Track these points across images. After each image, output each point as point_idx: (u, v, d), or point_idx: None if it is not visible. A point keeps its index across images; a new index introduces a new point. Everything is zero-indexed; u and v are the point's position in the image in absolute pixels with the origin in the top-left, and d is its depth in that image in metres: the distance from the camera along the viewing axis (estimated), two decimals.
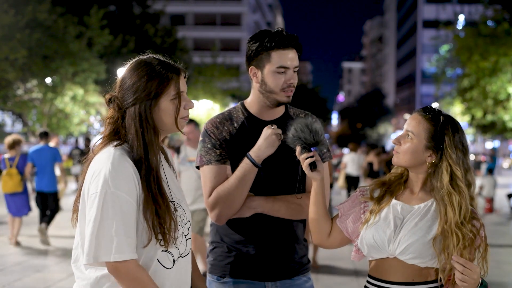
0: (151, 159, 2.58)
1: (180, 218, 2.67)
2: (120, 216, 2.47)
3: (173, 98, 2.65)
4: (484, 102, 27.95)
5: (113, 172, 2.49)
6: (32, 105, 24.53)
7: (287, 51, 3.25)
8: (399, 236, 2.84)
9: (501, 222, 17.35)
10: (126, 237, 2.48)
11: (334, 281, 9.19)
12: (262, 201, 3.25)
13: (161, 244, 2.55)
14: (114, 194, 2.48)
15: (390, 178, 3.05)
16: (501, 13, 28.18)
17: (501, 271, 10.16)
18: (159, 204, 2.54)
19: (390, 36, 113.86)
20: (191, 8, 79.81)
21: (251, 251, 3.31)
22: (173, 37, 38.04)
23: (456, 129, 2.88)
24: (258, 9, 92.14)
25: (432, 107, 2.95)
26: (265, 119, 3.36)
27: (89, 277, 2.58)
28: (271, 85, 3.27)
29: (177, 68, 2.70)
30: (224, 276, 3.34)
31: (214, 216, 3.24)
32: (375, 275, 2.95)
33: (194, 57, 46.89)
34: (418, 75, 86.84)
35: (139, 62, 2.68)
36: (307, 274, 3.46)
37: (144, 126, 2.60)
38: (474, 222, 2.84)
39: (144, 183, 2.55)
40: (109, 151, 2.56)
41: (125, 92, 2.63)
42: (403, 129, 2.99)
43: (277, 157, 3.27)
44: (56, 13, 23.77)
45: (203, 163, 3.29)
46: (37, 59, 22.48)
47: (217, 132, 3.31)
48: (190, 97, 41.18)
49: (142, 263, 2.57)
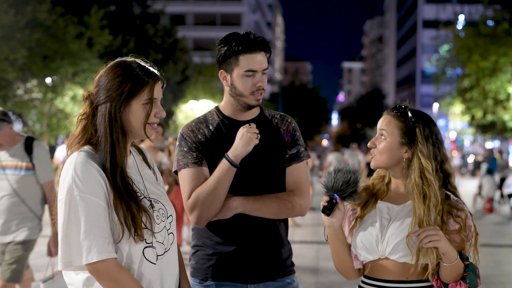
0: (117, 156, 2.61)
1: (159, 213, 2.70)
2: (87, 218, 2.50)
3: (145, 103, 2.66)
4: (484, 102, 27.98)
5: (76, 176, 2.53)
6: (32, 105, 24.53)
7: (255, 54, 3.25)
8: (387, 236, 2.85)
9: (501, 222, 17.36)
10: (98, 237, 2.49)
11: (333, 282, 9.18)
12: (242, 201, 3.24)
13: (135, 239, 2.56)
14: (80, 198, 2.51)
15: (373, 183, 3.07)
16: (501, 13, 28.21)
17: (501, 271, 10.16)
18: (126, 200, 2.56)
19: (390, 36, 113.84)
20: (191, 8, 79.84)
21: (233, 253, 3.29)
22: (173, 37, 38.03)
23: (426, 122, 2.91)
24: (258, 9, 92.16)
25: (400, 105, 2.98)
26: (240, 120, 3.36)
27: (77, 281, 2.60)
28: (240, 88, 3.28)
29: (155, 75, 2.71)
30: (206, 279, 3.32)
31: (194, 218, 3.23)
32: (369, 275, 2.97)
33: (194, 57, 46.93)
34: (418, 75, 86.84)
35: (119, 62, 2.70)
36: (291, 276, 3.43)
37: (113, 124, 2.62)
38: (458, 213, 2.84)
39: (110, 181, 2.57)
40: (73, 156, 2.60)
41: (99, 90, 2.66)
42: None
43: (256, 157, 3.27)
44: (56, 13, 23.75)
45: (180, 166, 3.29)
46: (37, 59, 22.47)
47: (193, 135, 3.31)
48: (190, 97, 41.23)
49: (127, 260, 2.59)
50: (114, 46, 27.49)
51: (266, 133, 3.31)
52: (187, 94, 40.84)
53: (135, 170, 2.75)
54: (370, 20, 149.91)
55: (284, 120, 3.45)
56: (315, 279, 9.39)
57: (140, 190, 2.69)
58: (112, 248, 2.53)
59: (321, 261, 10.58)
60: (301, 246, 12.07)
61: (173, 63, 36.28)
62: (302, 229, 14.35)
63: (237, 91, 3.29)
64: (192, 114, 39.10)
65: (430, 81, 56.49)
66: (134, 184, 2.68)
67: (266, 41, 3.32)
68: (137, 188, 2.68)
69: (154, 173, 2.91)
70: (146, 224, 2.59)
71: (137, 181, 2.71)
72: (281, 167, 3.35)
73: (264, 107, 3.49)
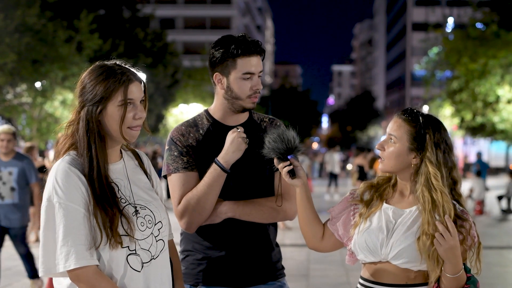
0: (94, 161, 2.58)
1: (145, 220, 2.66)
2: (66, 225, 2.48)
3: (120, 105, 2.61)
4: (473, 104, 28.04)
5: (56, 183, 2.52)
6: (22, 109, 24.42)
7: (252, 57, 3.25)
8: (391, 240, 2.83)
9: (491, 224, 17.41)
10: (77, 244, 2.47)
11: (325, 284, 9.19)
12: (232, 205, 3.23)
13: (111, 245, 2.53)
14: (59, 204, 2.50)
15: (379, 182, 3.05)
16: (489, 15, 28.32)
17: (491, 273, 10.19)
18: (103, 206, 2.53)
19: (380, 39, 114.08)
20: (180, 12, 79.76)
21: (223, 257, 3.27)
22: (163, 41, 38.02)
23: (437, 128, 2.88)
24: (248, 13, 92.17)
25: (412, 109, 2.95)
26: (229, 125, 3.34)
27: (64, 285, 2.60)
28: (237, 91, 3.27)
29: (132, 75, 2.67)
30: (197, 284, 3.31)
31: (184, 224, 3.21)
32: (368, 278, 2.95)
33: (184, 61, 46.87)
34: (408, 77, 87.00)
35: (96, 65, 2.69)
36: (282, 279, 3.42)
37: (89, 129, 2.60)
38: (463, 223, 2.83)
39: (90, 186, 2.55)
40: (56, 164, 2.60)
41: (79, 95, 2.65)
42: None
43: (245, 162, 3.26)
44: (45, 17, 23.65)
45: (170, 171, 3.26)
46: (26, 64, 22.37)
47: (183, 140, 3.29)
48: (180, 101, 41.17)
49: (109, 267, 2.56)
50: (103, 50, 27.40)
51: (255, 137, 3.29)
52: (177, 98, 40.79)
53: (123, 175, 2.72)
54: (360, 23, 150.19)
55: (273, 123, 3.44)
56: (306, 282, 9.39)
57: (126, 196, 2.66)
58: (93, 256, 2.51)
59: (312, 264, 10.59)
60: (292, 249, 12.08)
61: (163, 67, 36.23)
62: (293, 232, 14.34)
63: (234, 94, 3.27)
64: (182, 118, 39.01)
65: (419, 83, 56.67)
66: (119, 190, 2.65)
67: (261, 44, 3.32)
68: (122, 194, 2.65)
69: (150, 178, 2.87)
70: (126, 231, 2.56)
71: (123, 187, 2.68)
72: (270, 171, 3.34)
73: (253, 111, 3.48)
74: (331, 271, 10.17)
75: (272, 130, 3.10)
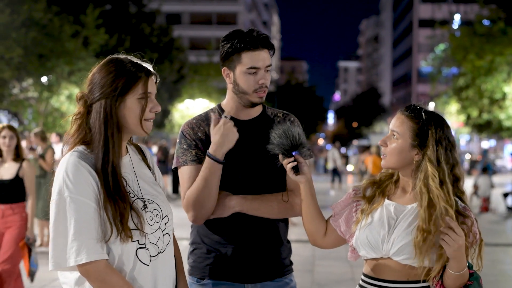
0: (110, 154, 2.59)
1: (153, 214, 2.68)
2: (77, 219, 2.49)
3: (140, 98, 2.65)
4: (479, 101, 27.97)
5: (67, 177, 2.52)
6: (28, 104, 24.48)
7: (258, 51, 3.24)
8: (393, 236, 2.83)
9: (496, 221, 17.39)
10: (88, 239, 2.48)
11: (330, 280, 9.20)
12: (240, 200, 3.23)
13: (122, 239, 2.54)
14: (70, 199, 2.50)
15: (381, 178, 3.05)
16: (496, 12, 28.21)
17: (496, 270, 10.18)
18: (115, 200, 2.55)
19: (386, 36, 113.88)
20: (187, 7, 79.74)
21: (231, 252, 3.27)
22: (169, 36, 38.00)
23: (439, 125, 2.88)
24: (254, 8, 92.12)
25: (415, 105, 2.95)
26: (242, 119, 3.35)
27: (71, 280, 2.60)
28: (243, 86, 3.27)
29: (148, 69, 2.71)
30: (203, 278, 3.31)
31: (190, 217, 3.23)
32: (370, 274, 2.96)
33: (190, 56, 46.87)
34: (414, 74, 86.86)
35: (111, 59, 2.69)
36: (289, 275, 3.42)
37: (108, 121, 2.61)
38: (465, 220, 2.83)
39: (101, 181, 2.56)
40: (65, 157, 2.60)
41: (93, 87, 2.65)
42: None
43: (254, 156, 3.27)
44: (51, 12, 23.69)
45: (179, 164, 3.29)
46: (32, 58, 22.42)
47: (193, 133, 3.31)
48: (186, 96, 41.18)
49: (119, 261, 2.58)
50: (110, 45, 27.44)
51: (268, 132, 3.27)
52: (183, 93, 40.79)
53: (130, 170, 2.73)
54: (366, 19, 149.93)
55: (287, 118, 3.43)
56: (311, 278, 9.40)
57: (134, 190, 2.68)
58: (103, 250, 2.52)
59: (317, 260, 10.59)
60: (297, 245, 12.05)
61: (169, 62, 36.24)
62: (298, 228, 14.32)
63: (240, 89, 3.28)
64: (188, 113, 39.03)
65: (426, 80, 56.54)
66: (128, 184, 2.66)
67: (269, 39, 3.30)
68: (130, 188, 2.67)
69: (153, 173, 2.89)
70: (137, 225, 2.58)
71: (132, 181, 2.70)
72: (282, 166, 3.34)
73: (267, 106, 3.48)
74: (336, 267, 10.18)
75: (277, 125, 3.10)
